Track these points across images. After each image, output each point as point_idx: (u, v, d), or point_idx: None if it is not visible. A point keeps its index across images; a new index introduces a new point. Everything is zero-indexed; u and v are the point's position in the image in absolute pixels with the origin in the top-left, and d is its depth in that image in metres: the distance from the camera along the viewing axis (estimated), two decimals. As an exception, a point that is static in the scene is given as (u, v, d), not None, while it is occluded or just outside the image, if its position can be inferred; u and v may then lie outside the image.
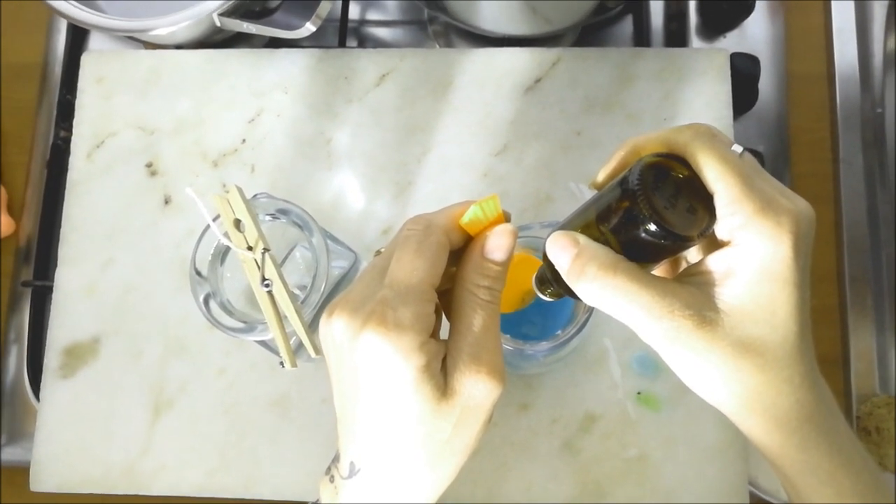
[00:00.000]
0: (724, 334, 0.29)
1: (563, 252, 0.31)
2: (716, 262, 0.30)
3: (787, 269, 0.29)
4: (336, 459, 0.35)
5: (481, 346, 0.31)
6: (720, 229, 0.30)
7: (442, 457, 0.32)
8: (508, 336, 0.44)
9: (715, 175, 0.30)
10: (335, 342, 0.32)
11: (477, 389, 0.31)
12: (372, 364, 0.31)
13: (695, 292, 0.30)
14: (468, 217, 0.33)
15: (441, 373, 0.31)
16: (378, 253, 0.35)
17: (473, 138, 0.58)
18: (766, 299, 0.29)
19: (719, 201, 0.30)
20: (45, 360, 0.57)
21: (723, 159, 0.30)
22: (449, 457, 0.32)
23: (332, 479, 0.35)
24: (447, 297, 0.34)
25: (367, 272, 0.34)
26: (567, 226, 0.33)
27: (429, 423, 0.31)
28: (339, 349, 0.32)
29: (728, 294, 0.30)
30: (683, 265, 0.37)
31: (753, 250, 0.29)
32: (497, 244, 0.33)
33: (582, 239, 0.31)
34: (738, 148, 0.31)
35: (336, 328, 0.32)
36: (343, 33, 0.67)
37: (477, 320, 0.32)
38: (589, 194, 0.57)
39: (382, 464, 0.32)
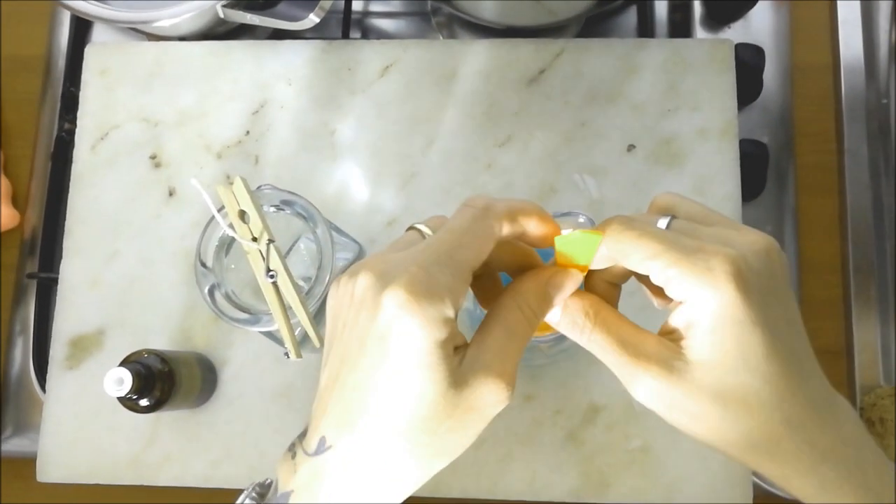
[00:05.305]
0: (697, 385, 0.29)
1: None
2: (676, 320, 0.30)
3: (739, 312, 0.28)
4: (302, 435, 0.32)
5: (508, 353, 0.30)
6: (672, 294, 0.30)
7: (428, 451, 0.29)
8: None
9: (638, 258, 0.30)
10: (354, 298, 0.30)
11: (490, 390, 0.29)
12: (390, 324, 0.28)
13: (666, 346, 0.30)
14: (566, 241, 0.32)
15: (455, 358, 0.29)
16: (412, 228, 0.34)
17: (477, 129, 0.58)
18: (731, 345, 0.29)
19: (653, 277, 0.30)
20: (51, 352, 0.57)
21: (638, 239, 0.30)
22: (435, 455, 0.29)
23: (293, 456, 0.32)
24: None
25: (398, 242, 0.32)
26: None
27: (429, 407, 0.28)
28: (358, 306, 0.30)
29: (692, 346, 0.29)
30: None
31: (698, 301, 0.29)
32: (564, 293, 0.32)
33: None
34: (663, 221, 0.31)
35: (361, 283, 0.29)
36: (346, 25, 0.67)
37: (518, 328, 0.31)
38: (593, 186, 0.57)
39: (359, 442, 0.29)
